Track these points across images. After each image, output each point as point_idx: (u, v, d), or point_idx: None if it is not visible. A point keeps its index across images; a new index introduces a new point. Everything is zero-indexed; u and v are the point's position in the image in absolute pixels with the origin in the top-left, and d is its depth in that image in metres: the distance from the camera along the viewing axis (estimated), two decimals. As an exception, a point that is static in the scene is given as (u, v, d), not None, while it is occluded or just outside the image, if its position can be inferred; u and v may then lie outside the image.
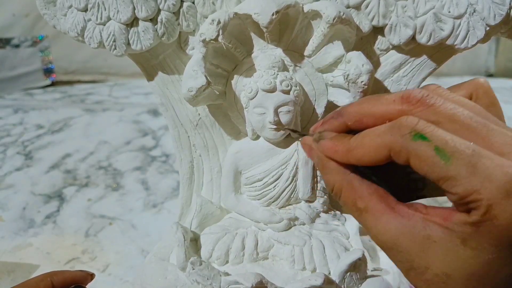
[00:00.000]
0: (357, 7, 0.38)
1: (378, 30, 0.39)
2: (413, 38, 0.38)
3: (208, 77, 0.36)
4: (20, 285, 0.34)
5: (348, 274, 0.35)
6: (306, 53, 0.39)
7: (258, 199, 0.40)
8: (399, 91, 0.23)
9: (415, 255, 0.20)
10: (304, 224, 0.40)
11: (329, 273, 0.36)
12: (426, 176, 0.20)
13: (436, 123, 0.20)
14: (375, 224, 0.21)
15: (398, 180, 0.25)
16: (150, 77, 0.42)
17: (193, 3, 0.39)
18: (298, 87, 0.38)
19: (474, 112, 0.20)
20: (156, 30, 0.38)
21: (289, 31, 0.38)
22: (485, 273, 0.19)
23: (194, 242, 0.40)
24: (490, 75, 1.95)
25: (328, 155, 0.23)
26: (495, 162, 0.18)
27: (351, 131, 0.24)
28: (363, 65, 0.36)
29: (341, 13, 0.35)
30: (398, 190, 0.23)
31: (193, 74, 0.37)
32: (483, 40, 0.37)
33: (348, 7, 0.38)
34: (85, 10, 0.38)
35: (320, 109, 0.41)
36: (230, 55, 0.39)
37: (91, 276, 0.38)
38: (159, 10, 0.38)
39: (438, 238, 0.20)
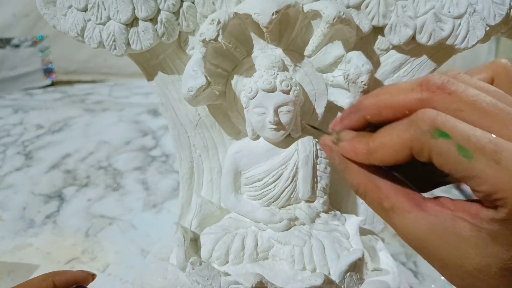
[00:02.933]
0: (357, 7, 0.38)
1: (378, 30, 0.39)
2: (413, 38, 0.38)
3: (208, 77, 0.36)
4: (21, 285, 0.34)
5: (348, 274, 0.35)
6: (306, 53, 0.39)
7: (258, 199, 0.40)
8: (418, 78, 0.21)
9: (446, 253, 0.20)
10: (304, 224, 0.40)
11: (329, 273, 0.36)
12: (450, 174, 0.19)
13: (457, 111, 0.19)
14: (403, 224, 0.21)
15: (420, 169, 0.23)
16: (150, 77, 0.42)
17: (193, 3, 0.39)
18: (298, 87, 0.38)
19: (497, 98, 0.20)
20: (156, 30, 0.38)
21: (289, 31, 0.38)
22: None
23: (194, 242, 0.40)
24: (490, 75, 1.95)
25: (349, 157, 0.23)
26: None
27: (372, 125, 0.23)
28: (363, 65, 0.36)
29: (341, 13, 0.35)
30: (421, 179, 0.23)
31: (193, 74, 0.36)
32: (483, 40, 0.37)
33: (348, 7, 0.38)
34: (85, 10, 0.37)
35: (320, 109, 0.41)
36: (230, 55, 0.39)
37: (92, 276, 0.38)
38: (159, 10, 0.38)
39: (467, 235, 0.19)
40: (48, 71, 1.91)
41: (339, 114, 0.42)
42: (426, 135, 0.19)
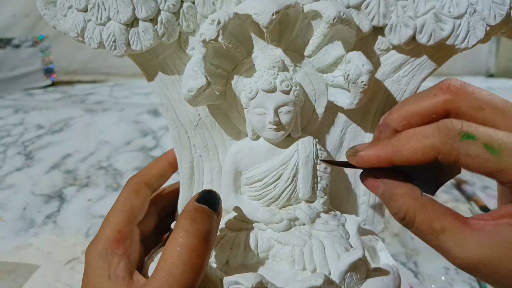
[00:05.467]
0: (357, 7, 0.38)
1: (378, 30, 0.39)
2: (413, 38, 0.38)
3: (208, 78, 0.36)
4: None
5: (348, 274, 0.35)
6: (306, 53, 0.39)
7: (258, 200, 0.40)
8: (435, 84, 0.24)
9: (505, 267, 0.20)
10: (304, 224, 0.40)
11: (329, 274, 0.36)
12: (476, 172, 0.21)
13: (479, 110, 0.21)
14: (455, 244, 0.21)
15: (423, 174, 0.25)
16: (150, 77, 0.42)
17: (193, 3, 0.39)
18: (298, 88, 0.38)
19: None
20: (156, 31, 0.38)
21: (289, 31, 0.38)
22: None
23: (194, 242, 0.40)
24: (491, 75, 1.95)
25: (370, 164, 0.24)
26: None
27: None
28: (363, 65, 0.36)
29: (341, 13, 0.35)
30: (425, 184, 0.24)
31: (193, 74, 0.37)
32: (484, 40, 0.37)
33: (348, 7, 0.38)
34: (85, 10, 0.38)
35: (320, 109, 0.41)
36: (230, 55, 0.39)
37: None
38: (159, 11, 0.38)
39: None
40: (48, 71, 1.91)
41: (343, 117, 0.42)
42: (456, 138, 0.21)
